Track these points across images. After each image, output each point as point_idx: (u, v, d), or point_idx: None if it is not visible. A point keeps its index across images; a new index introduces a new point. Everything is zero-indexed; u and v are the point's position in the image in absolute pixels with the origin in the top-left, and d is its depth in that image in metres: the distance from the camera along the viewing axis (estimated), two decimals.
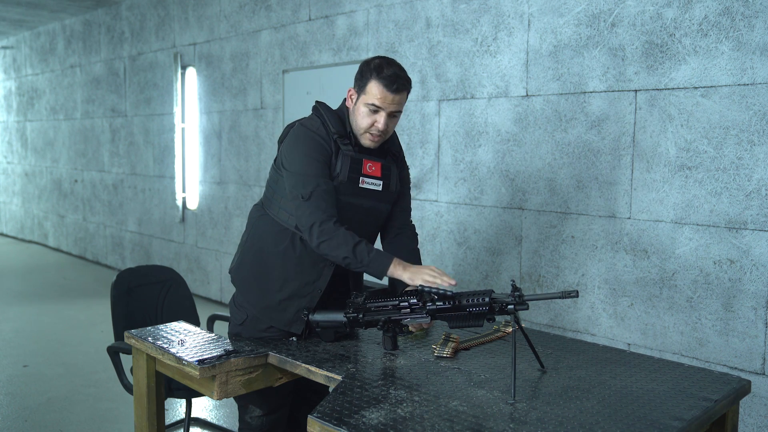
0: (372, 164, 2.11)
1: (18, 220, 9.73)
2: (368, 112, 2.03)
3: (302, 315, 2.12)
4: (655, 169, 2.96)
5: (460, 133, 3.76)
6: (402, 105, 2.06)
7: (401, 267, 1.99)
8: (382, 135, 2.07)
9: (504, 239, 3.58)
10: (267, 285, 2.16)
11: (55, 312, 5.56)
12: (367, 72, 2.03)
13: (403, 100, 2.06)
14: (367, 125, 2.04)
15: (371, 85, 2.01)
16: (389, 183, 2.15)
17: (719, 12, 2.74)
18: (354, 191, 2.09)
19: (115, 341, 2.65)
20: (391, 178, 2.16)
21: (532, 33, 3.39)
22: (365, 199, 2.12)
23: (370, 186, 2.11)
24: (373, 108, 2.02)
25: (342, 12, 4.45)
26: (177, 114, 6.09)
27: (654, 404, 1.64)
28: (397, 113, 2.06)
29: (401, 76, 2.01)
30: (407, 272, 1.98)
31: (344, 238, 1.99)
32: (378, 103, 2.00)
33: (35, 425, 3.33)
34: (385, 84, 1.99)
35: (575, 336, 3.27)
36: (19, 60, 9.45)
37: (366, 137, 2.07)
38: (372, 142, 2.08)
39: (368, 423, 1.51)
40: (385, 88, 1.99)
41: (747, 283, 2.71)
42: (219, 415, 3.49)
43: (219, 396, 1.94)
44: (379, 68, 2.00)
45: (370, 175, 2.11)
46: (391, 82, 1.99)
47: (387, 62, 2.03)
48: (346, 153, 2.07)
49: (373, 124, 2.03)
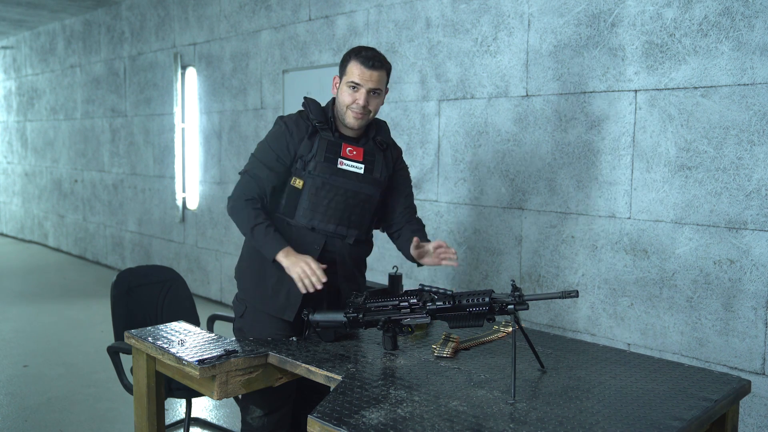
0: (353, 149, 2.23)
1: (18, 220, 9.73)
2: (350, 91, 2.17)
3: (302, 315, 2.13)
4: (655, 169, 2.96)
5: (460, 133, 3.76)
6: (382, 84, 2.19)
7: (284, 254, 2.11)
8: (364, 111, 2.18)
9: (504, 239, 3.58)
10: (260, 272, 2.25)
11: (55, 312, 5.56)
12: (347, 57, 2.21)
13: (383, 80, 2.20)
14: (349, 102, 2.17)
15: (351, 65, 2.18)
16: (372, 168, 2.24)
17: (719, 12, 2.74)
18: (332, 171, 2.19)
19: (115, 341, 2.65)
20: (376, 165, 2.24)
21: (532, 33, 3.39)
22: (346, 180, 2.21)
23: (350, 168, 2.21)
24: (353, 85, 2.16)
25: (342, 12, 4.45)
26: (177, 114, 6.09)
27: (654, 404, 1.64)
28: (377, 91, 2.18)
29: (378, 57, 2.19)
30: (287, 260, 2.10)
31: (247, 218, 2.17)
32: (357, 80, 2.15)
33: (35, 425, 3.33)
34: (363, 62, 2.15)
35: (575, 336, 3.27)
36: (19, 60, 9.45)
37: (349, 115, 2.19)
38: (355, 120, 2.19)
39: (368, 423, 1.51)
40: (362, 65, 2.15)
41: (747, 283, 2.71)
42: (219, 415, 3.49)
43: (219, 396, 1.94)
44: (358, 51, 2.20)
45: (350, 158, 2.22)
46: (368, 59, 2.16)
47: (365, 47, 2.22)
48: (324, 136, 2.21)
49: (354, 101, 2.16)
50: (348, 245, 2.25)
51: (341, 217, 2.20)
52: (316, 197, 2.19)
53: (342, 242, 2.24)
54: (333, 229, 2.21)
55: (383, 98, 2.24)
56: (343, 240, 2.24)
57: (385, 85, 2.23)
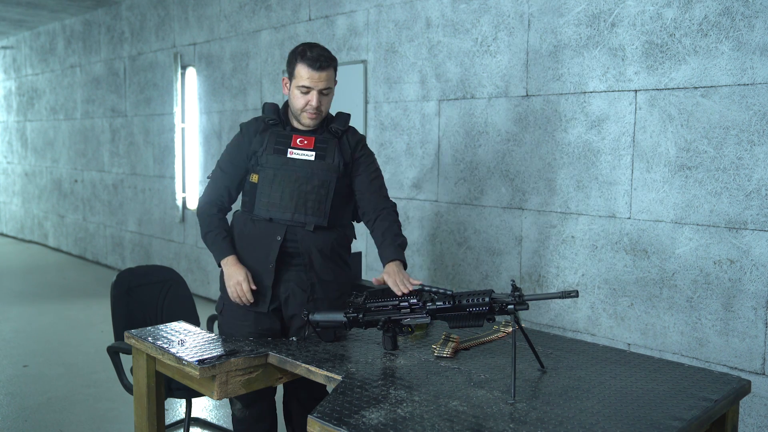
0: (303, 138, 2.29)
1: (18, 220, 9.73)
2: (301, 94, 2.22)
3: (302, 315, 2.14)
4: (655, 169, 2.96)
5: (460, 133, 3.76)
6: (331, 82, 2.25)
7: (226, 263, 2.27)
8: (318, 111, 2.24)
9: (504, 239, 3.58)
10: None
11: (55, 312, 5.56)
12: (293, 58, 2.24)
13: (331, 77, 2.25)
14: (302, 105, 2.23)
15: (298, 68, 2.21)
16: (324, 155, 2.28)
17: (719, 12, 2.74)
18: (283, 162, 2.26)
19: (115, 341, 2.65)
20: (328, 151, 2.29)
21: (532, 33, 3.39)
22: (297, 168, 2.26)
23: (300, 156, 2.27)
24: (304, 89, 2.21)
25: (342, 12, 4.45)
26: (177, 114, 6.09)
27: (654, 404, 1.64)
28: (327, 90, 2.24)
29: (324, 55, 2.22)
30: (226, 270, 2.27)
31: (203, 224, 2.34)
32: (307, 83, 2.20)
33: (35, 425, 3.33)
34: (310, 64, 2.19)
35: (575, 336, 3.27)
36: (19, 60, 9.45)
37: (304, 116, 2.25)
38: (311, 120, 2.26)
39: (368, 423, 1.51)
40: (310, 68, 2.19)
41: (747, 283, 2.71)
42: (219, 415, 3.49)
43: (219, 396, 1.94)
44: (303, 52, 2.21)
45: (300, 147, 2.28)
46: (314, 61, 2.19)
47: (309, 46, 2.24)
48: (274, 131, 2.30)
49: (307, 103, 2.22)
50: (310, 233, 2.26)
51: (297, 204, 2.25)
52: (270, 188, 2.26)
53: (303, 231, 2.26)
54: (290, 217, 2.25)
55: (333, 92, 2.30)
56: (303, 228, 2.26)
57: (335, 81, 2.28)
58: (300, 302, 2.27)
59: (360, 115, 4.30)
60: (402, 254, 2.19)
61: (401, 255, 2.18)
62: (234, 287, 2.22)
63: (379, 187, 2.38)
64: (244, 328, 2.29)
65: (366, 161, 2.37)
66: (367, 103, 4.29)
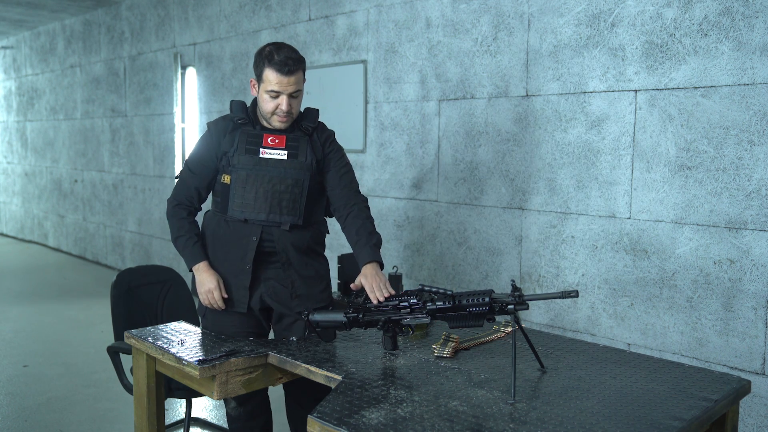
0: (275, 137, 2.26)
1: (18, 220, 9.73)
2: (270, 98, 2.20)
3: (302, 315, 2.14)
4: (655, 169, 2.96)
5: (460, 133, 3.76)
6: (300, 84, 2.23)
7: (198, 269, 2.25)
8: (289, 115, 2.23)
9: (504, 239, 3.58)
10: None
11: (55, 312, 5.56)
12: (260, 61, 2.20)
13: (300, 80, 2.23)
14: (271, 109, 2.21)
15: (266, 72, 2.18)
16: (296, 153, 2.25)
17: (719, 12, 2.74)
18: (255, 162, 2.24)
19: (115, 341, 2.65)
20: (300, 149, 2.26)
21: (532, 33, 3.39)
22: (270, 168, 2.24)
23: (272, 155, 2.24)
24: (273, 93, 2.18)
25: (342, 12, 4.45)
26: (177, 114, 6.09)
27: (654, 404, 1.64)
28: (297, 93, 2.22)
29: (292, 58, 2.18)
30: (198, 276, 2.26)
31: (172, 227, 2.31)
32: (276, 88, 2.17)
33: (35, 425, 3.33)
34: (278, 69, 2.15)
35: (575, 336, 3.27)
36: (19, 60, 9.45)
37: (274, 119, 2.24)
38: (281, 123, 2.24)
39: (368, 423, 1.51)
40: (278, 73, 2.16)
41: (747, 283, 2.71)
42: (219, 415, 3.49)
43: (219, 396, 1.94)
44: (270, 55, 2.17)
45: (272, 147, 2.25)
46: (282, 65, 2.15)
47: (277, 48, 2.19)
48: (244, 131, 2.26)
49: (277, 107, 2.20)
50: (285, 232, 2.26)
51: (271, 204, 2.23)
52: (243, 189, 2.24)
53: (278, 230, 2.26)
54: (265, 217, 2.24)
55: (302, 93, 2.28)
56: (279, 227, 2.25)
57: (303, 80, 2.25)
58: (284, 300, 2.28)
59: (360, 115, 4.30)
60: (378, 254, 2.18)
61: (377, 255, 2.17)
62: (205, 294, 2.23)
63: (350, 182, 2.35)
64: (231, 329, 2.30)
65: (335, 156, 2.35)
66: (367, 103, 4.29)
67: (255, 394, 2.35)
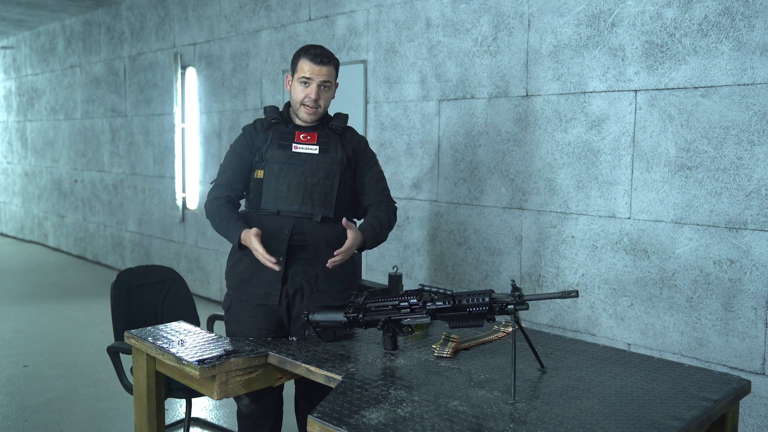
0: (306, 134, 2.34)
1: (18, 220, 9.72)
2: (301, 87, 2.30)
3: (302, 315, 2.14)
4: (655, 169, 2.96)
5: (460, 133, 3.76)
6: (331, 77, 2.32)
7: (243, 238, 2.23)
8: (316, 105, 2.31)
9: (504, 239, 3.58)
10: (240, 265, 2.35)
11: (55, 312, 5.56)
12: (297, 55, 2.34)
13: (332, 74, 2.33)
14: (301, 98, 2.30)
15: (301, 62, 2.31)
16: (327, 149, 2.33)
17: (719, 12, 2.74)
18: (288, 155, 2.31)
19: (115, 341, 2.65)
20: (331, 146, 2.33)
21: (532, 33, 3.39)
22: (303, 161, 2.31)
23: (304, 150, 2.32)
24: (304, 80, 2.29)
25: (342, 12, 4.45)
26: (177, 114, 6.09)
27: (654, 404, 1.64)
28: (327, 84, 2.31)
29: (326, 52, 2.31)
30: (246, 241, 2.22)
31: (215, 214, 2.32)
32: (307, 74, 2.28)
33: (35, 425, 3.33)
34: (311, 58, 2.28)
35: (575, 336, 3.27)
36: (19, 60, 9.45)
37: (302, 110, 2.32)
38: (308, 114, 2.32)
39: (368, 423, 1.51)
40: (311, 61, 2.28)
41: (747, 283, 2.71)
42: (219, 415, 3.49)
43: (219, 396, 1.94)
44: (306, 48, 2.33)
45: (304, 142, 2.33)
46: (316, 56, 2.29)
47: (313, 45, 2.34)
48: (277, 128, 2.35)
49: (306, 95, 2.29)
50: (317, 225, 2.29)
51: (303, 196, 2.28)
52: (276, 182, 2.29)
53: (310, 222, 2.29)
54: (297, 209, 2.28)
55: (333, 92, 2.38)
56: (310, 219, 2.29)
57: (335, 79, 2.36)
58: (306, 297, 2.31)
59: (360, 115, 4.30)
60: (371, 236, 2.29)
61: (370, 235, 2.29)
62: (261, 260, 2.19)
63: (383, 189, 2.46)
64: (252, 324, 2.33)
65: (370, 162, 2.46)
66: (367, 103, 4.29)
67: (269, 391, 2.35)
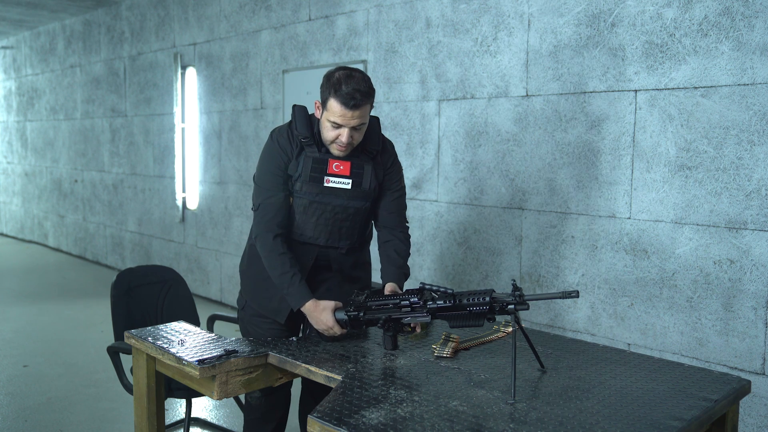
0: (339, 163, 2.17)
1: (18, 220, 9.72)
2: (331, 127, 2.08)
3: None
4: (655, 169, 2.96)
5: (460, 133, 3.76)
6: (365, 117, 2.09)
7: (307, 309, 2.11)
8: (348, 146, 2.12)
9: (504, 239, 3.58)
10: (258, 275, 2.31)
11: (55, 312, 5.56)
12: (327, 88, 2.06)
13: (366, 112, 2.09)
14: (332, 138, 2.10)
15: (331, 102, 2.04)
16: (360, 181, 2.19)
17: (719, 12, 2.74)
18: (319, 190, 2.16)
19: (115, 341, 2.65)
20: (364, 177, 2.19)
21: (532, 33, 3.39)
22: (333, 198, 2.18)
23: (337, 185, 2.17)
24: (335, 125, 2.06)
25: (342, 12, 4.45)
26: (177, 114, 6.09)
27: (654, 404, 1.64)
28: (361, 126, 2.10)
29: (360, 91, 2.02)
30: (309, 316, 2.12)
31: (277, 262, 2.15)
32: (339, 120, 2.04)
33: (35, 425, 3.33)
34: (343, 102, 2.01)
35: (575, 336, 3.27)
36: (19, 60, 9.45)
37: (333, 148, 2.13)
38: (340, 152, 2.14)
39: (368, 423, 1.51)
40: (343, 106, 2.02)
41: (747, 283, 2.71)
42: (219, 415, 3.49)
43: (219, 396, 1.94)
44: (338, 85, 2.02)
45: (337, 174, 2.16)
46: (348, 99, 2.01)
47: (346, 76, 2.04)
48: (309, 154, 2.15)
49: (338, 137, 2.09)
50: (342, 254, 2.30)
51: (331, 231, 2.23)
52: (305, 215, 2.20)
53: (336, 252, 2.28)
54: (324, 242, 2.25)
55: (367, 124, 2.15)
56: (336, 250, 2.28)
57: (369, 111, 2.13)
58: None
59: None
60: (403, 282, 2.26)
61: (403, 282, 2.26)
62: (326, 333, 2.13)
63: (400, 207, 2.34)
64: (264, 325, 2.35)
65: (395, 177, 2.31)
66: None
67: (280, 386, 2.35)
